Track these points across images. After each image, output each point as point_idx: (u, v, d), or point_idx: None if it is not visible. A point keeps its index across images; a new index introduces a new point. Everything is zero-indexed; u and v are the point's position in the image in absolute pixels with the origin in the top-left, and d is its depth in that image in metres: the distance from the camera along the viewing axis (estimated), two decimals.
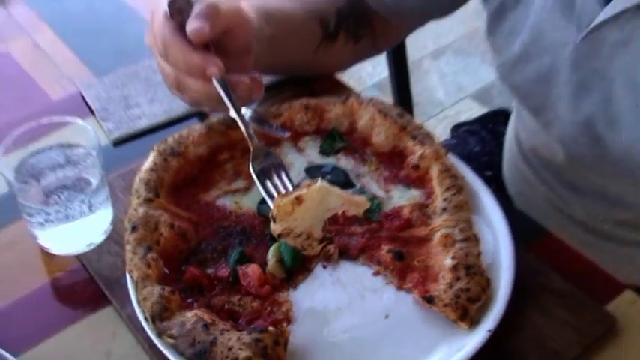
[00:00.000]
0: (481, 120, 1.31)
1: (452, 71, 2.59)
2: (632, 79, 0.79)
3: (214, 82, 0.78)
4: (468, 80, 2.58)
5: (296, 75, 1.03)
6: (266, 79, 0.95)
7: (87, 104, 1.02)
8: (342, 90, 1.01)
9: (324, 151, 0.87)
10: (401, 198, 0.81)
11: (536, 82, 0.89)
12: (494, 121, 1.28)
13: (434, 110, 2.48)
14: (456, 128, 1.32)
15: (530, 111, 0.96)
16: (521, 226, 0.80)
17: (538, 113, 0.93)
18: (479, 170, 0.87)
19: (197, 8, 0.77)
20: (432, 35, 2.65)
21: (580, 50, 0.82)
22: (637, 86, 0.79)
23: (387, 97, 2.20)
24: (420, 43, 2.62)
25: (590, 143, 0.86)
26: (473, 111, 2.42)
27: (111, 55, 1.11)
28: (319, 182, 0.76)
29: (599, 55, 0.81)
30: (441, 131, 1.28)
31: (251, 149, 0.82)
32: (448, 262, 0.72)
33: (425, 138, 0.84)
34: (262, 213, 0.79)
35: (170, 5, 0.78)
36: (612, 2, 0.77)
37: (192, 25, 0.76)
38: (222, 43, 0.80)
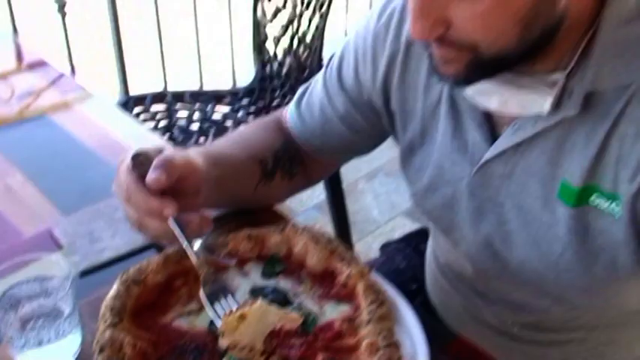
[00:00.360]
0: (406, 238, 1.45)
1: (385, 191, 2.77)
2: (518, 204, 0.94)
3: (170, 221, 0.91)
4: (399, 199, 2.75)
5: (240, 208, 1.15)
6: (214, 213, 1.08)
7: (56, 240, 1.11)
8: (280, 220, 1.13)
9: (265, 274, 0.98)
10: (333, 312, 0.92)
11: (443, 208, 1.03)
12: (418, 240, 1.41)
13: (370, 227, 2.63)
14: (385, 247, 1.46)
15: (441, 232, 1.09)
16: (437, 331, 0.93)
17: (447, 234, 1.07)
18: (405, 284, 0.99)
19: (156, 161, 0.91)
20: (366, 159, 2.83)
21: (474, 182, 0.97)
22: (522, 209, 0.94)
23: (327, 218, 2.35)
24: (354, 166, 2.80)
25: (491, 258, 0.99)
26: (406, 227, 2.57)
27: (76, 196, 1.21)
28: (259, 301, 0.87)
29: (490, 185, 0.96)
30: (377, 247, 1.41)
31: (201, 276, 0.93)
32: None
33: (351, 259, 0.97)
34: (213, 331, 0.89)
35: (133, 159, 0.93)
36: (496, 143, 0.93)
37: (151, 175, 0.90)
38: (176, 187, 0.93)
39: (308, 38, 1.90)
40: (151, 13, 2.43)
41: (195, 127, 2.17)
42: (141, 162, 0.92)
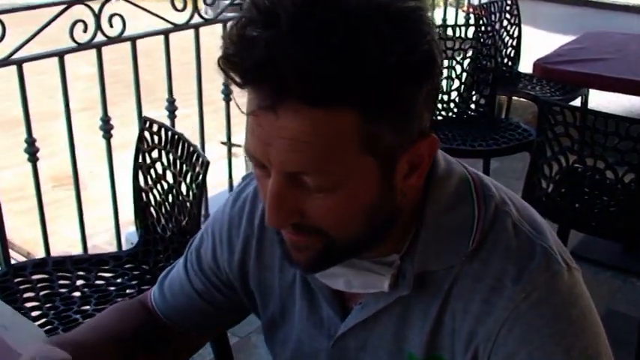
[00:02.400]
0: None
1: None
2: None
3: None
4: None
5: None
6: None
7: None
8: None
9: None
10: None
11: None
12: None
13: None
14: None
15: None
16: None
17: None
18: None
19: None
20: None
21: (333, 354, 1.03)
22: None
23: None
24: (246, 321, 2.81)
25: None
26: None
27: None
28: None
29: (347, 356, 1.02)
30: None
31: None
32: None
33: None
34: None
35: None
36: (346, 320, 1.00)
37: None
38: None
39: (187, 205, 1.96)
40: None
41: (77, 294, 2.15)
42: None
